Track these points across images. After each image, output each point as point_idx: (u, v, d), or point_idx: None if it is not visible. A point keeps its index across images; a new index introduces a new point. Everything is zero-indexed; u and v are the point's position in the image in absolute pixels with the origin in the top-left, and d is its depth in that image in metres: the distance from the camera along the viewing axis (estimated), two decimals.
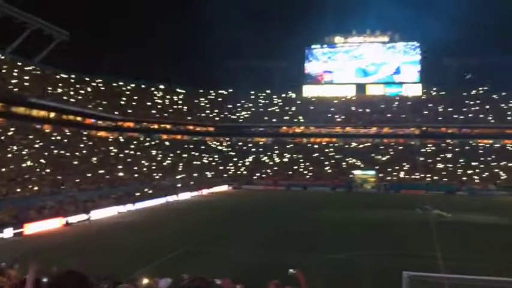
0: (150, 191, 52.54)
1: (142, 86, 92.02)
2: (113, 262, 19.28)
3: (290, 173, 77.25)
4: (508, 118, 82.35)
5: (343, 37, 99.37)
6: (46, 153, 54.69)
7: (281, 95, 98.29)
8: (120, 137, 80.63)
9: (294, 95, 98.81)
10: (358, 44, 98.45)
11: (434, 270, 15.12)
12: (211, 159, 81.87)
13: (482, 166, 74.09)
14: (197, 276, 2.57)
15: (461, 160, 76.24)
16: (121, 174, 60.54)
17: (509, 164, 73.68)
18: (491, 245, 26.33)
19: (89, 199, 40.02)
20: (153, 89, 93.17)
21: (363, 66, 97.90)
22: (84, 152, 64.85)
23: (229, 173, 77.78)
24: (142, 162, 71.05)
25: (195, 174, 71.80)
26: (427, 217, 34.60)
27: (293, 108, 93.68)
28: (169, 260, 20.83)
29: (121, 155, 70.92)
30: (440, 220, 35.84)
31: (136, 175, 63.63)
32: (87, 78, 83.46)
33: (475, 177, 71.48)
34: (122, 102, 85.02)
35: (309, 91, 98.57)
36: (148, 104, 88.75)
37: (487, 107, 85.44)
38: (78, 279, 2.49)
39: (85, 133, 73.60)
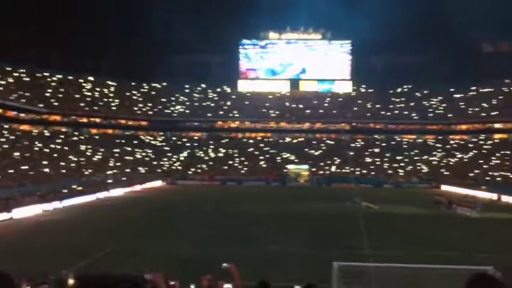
0: (79, 188, 50.34)
1: (70, 77, 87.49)
2: (36, 263, 18.20)
3: (225, 167, 77.29)
4: (430, 115, 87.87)
5: (278, 33, 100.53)
6: None
7: (216, 90, 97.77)
8: (45, 131, 76.21)
9: (229, 90, 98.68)
10: (286, 42, 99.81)
11: (362, 260, 15.80)
12: (144, 154, 79.86)
13: (406, 160, 78.60)
14: (122, 274, 2.41)
15: (388, 154, 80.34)
16: (46, 170, 57.40)
17: (430, 158, 78.83)
18: (413, 234, 27.98)
19: (11, 196, 37.54)
20: (81, 80, 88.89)
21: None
22: (6, 146, 60.78)
23: (164, 168, 76.40)
24: (70, 157, 67.81)
25: (128, 170, 69.70)
26: (356, 209, 36.14)
27: (228, 103, 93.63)
28: (97, 259, 20.02)
29: (46, 150, 67.19)
30: (368, 211, 37.59)
31: (63, 171, 60.67)
32: (8, 68, 77.96)
33: (400, 170, 75.71)
34: (47, 94, 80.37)
35: (244, 86, 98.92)
36: (77, 96, 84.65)
37: (411, 104, 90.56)
38: (1, 280, 2.24)
39: (6, 126, 68.85)
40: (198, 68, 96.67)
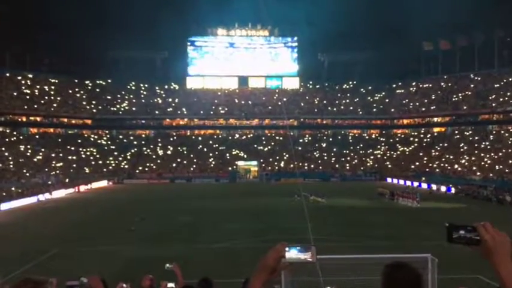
0: (19, 190, 48.01)
1: (7, 74, 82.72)
2: None
3: (174, 165, 76.29)
4: (374, 110, 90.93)
5: (226, 29, 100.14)
6: None
7: (164, 87, 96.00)
8: None
9: (177, 87, 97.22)
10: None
11: None
12: (89, 153, 77.17)
13: (352, 154, 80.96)
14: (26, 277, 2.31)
15: (334, 149, 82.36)
16: None
17: (375, 152, 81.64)
18: (358, 225, 28.90)
19: None
20: (19, 77, 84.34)
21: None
22: None
23: (110, 167, 74.21)
24: (9, 158, 64.43)
25: (71, 170, 67.16)
26: (304, 203, 36.79)
27: (176, 100, 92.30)
28: (38, 264, 19.17)
29: None
30: (316, 205, 38.43)
31: (1, 173, 57.56)
32: None
33: (346, 164, 77.88)
34: None
35: (193, 83, 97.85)
36: (15, 94, 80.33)
37: (356, 100, 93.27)
38: None
39: None
40: (144, 64, 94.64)
